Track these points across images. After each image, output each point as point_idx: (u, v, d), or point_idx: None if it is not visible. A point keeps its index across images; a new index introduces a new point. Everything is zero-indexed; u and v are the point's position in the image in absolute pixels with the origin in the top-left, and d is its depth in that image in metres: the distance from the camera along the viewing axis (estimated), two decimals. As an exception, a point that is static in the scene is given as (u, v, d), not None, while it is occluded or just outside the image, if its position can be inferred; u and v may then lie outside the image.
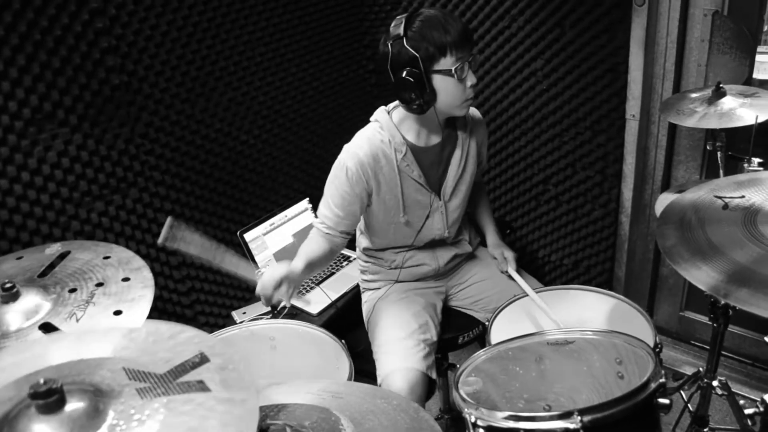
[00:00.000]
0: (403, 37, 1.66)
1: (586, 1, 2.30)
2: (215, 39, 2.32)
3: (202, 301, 2.45)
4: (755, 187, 1.42)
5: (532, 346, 1.46)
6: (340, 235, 1.88)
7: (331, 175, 1.86)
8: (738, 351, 2.64)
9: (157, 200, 2.22)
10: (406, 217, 1.93)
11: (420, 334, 1.90)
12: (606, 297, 1.89)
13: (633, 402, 1.18)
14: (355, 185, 1.81)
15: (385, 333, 1.93)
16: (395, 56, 1.69)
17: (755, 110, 1.93)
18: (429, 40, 1.65)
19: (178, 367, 0.85)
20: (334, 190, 1.84)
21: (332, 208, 1.85)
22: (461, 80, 1.71)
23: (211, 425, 0.76)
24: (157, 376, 0.84)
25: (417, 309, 1.99)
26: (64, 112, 1.93)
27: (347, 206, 1.84)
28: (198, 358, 0.87)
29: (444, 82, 1.70)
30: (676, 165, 2.56)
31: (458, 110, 1.80)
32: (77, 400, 0.78)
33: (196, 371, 0.85)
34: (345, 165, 1.80)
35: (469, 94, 1.76)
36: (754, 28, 2.25)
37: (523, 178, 2.80)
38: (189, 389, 0.81)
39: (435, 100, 1.74)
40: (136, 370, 0.84)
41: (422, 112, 1.77)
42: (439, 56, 1.67)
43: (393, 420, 1.14)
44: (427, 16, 1.68)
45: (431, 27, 1.65)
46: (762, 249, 1.20)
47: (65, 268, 1.44)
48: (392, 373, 1.79)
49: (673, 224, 1.33)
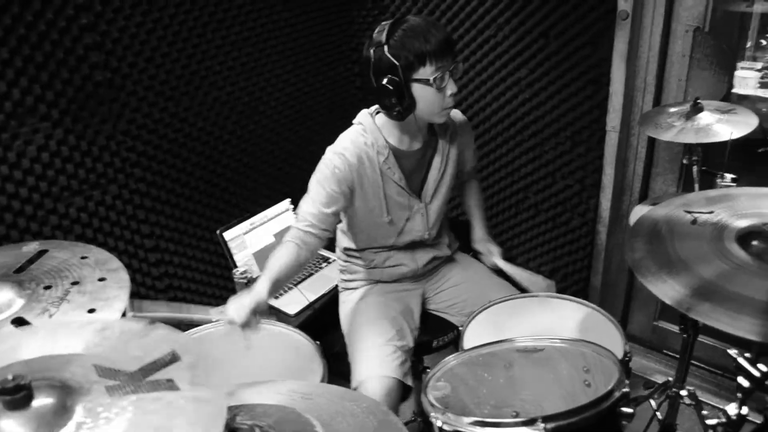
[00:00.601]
0: (385, 44, 1.68)
1: (570, 13, 2.33)
2: (201, 38, 2.33)
3: (180, 298, 2.45)
4: (725, 203, 1.45)
5: (502, 352, 1.48)
6: (320, 234, 1.86)
7: (318, 174, 1.86)
8: (708, 361, 2.68)
9: (137, 197, 2.22)
10: (390, 217, 1.95)
11: (397, 341, 1.91)
12: (579, 306, 1.91)
13: (596, 410, 1.20)
14: (342, 183, 1.83)
15: (362, 338, 1.94)
16: (376, 63, 1.70)
17: (731, 126, 1.96)
18: (409, 49, 1.66)
19: (149, 365, 0.86)
20: (320, 188, 1.84)
21: (318, 206, 1.84)
22: (440, 89, 1.72)
23: (178, 424, 0.77)
24: (127, 374, 0.84)
25: (394, 314, 2.00)
26: (46, 106, 1.93)
27: (333, 204, 1.85)
28: (169, 356, 0.88)
29: (423, 90, 1.72)
30: (654, 177, 2.60)
31: (437, 117, 1.82)
32: (45, 396, 0.78)
33: (166, 370, 0.85)
34: (333, 163, 1.82)
35: (448, 103, 1.77)
36: (734, 45, 2.29)
37: (504, 186, 2.83)
38: (158, 388, 0.82)
39: (414, 107, 1.75)
40: (106, 368, 0.85)
41: (401, 118, 1.79)
42: (418, 65, 1.68)
43: (361, 423, 1.15)
44: (410, 24, 1.69)
45: (412, 36, 1.66)
46: (727, 265, 1.23)
47: (41, 266, 1.44)
48: (368, 379, 1.80)
49: (643, 237, 1.35)
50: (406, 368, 1.88)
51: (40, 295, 1.34)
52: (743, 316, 1.09)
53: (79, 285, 1.36)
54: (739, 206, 1.43)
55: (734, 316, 1.09)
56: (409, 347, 1.95)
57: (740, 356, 1.39)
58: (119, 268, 1.41)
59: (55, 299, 1.32)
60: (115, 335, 0.93)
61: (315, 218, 1.85)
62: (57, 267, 1.42)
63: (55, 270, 1.41)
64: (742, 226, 1.34)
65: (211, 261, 2.55)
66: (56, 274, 1.40)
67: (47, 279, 1.38)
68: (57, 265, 1.43)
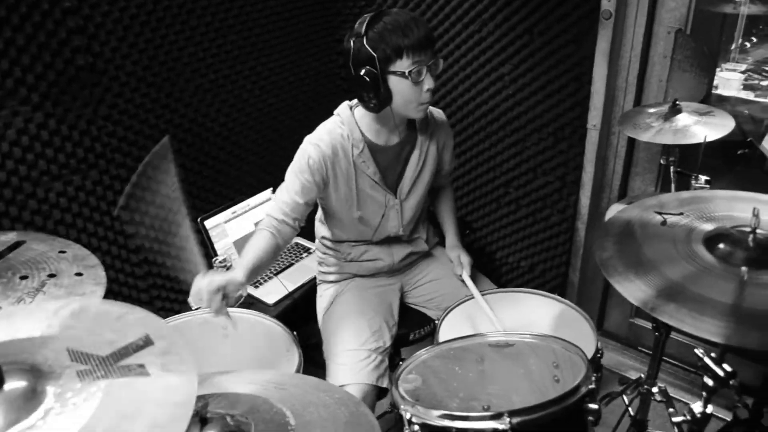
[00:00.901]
0: (364, 36, 1.69)
1: (554, 11, 2.34)
2: (185, 24, 2.32)
3: (158, 285, 2.45)
4: (695, 205, 1.48)
5: (474, 346, 1.50)
6: (292, 224, 1.88)
7: (293, 164, 1.88)
8: (681, 358, 2.72)
9: (117, 183, 2.22)
10: (360, 213, 1.96)
11: (373, 342, 1.93)
12: (555, 302, 1.94)
13: (562, 405, 1.23)
14: (315, 173, 1.84)
15: (337, 342, 1.95)
16: (355, 54, 1.72)
17: (707, 129, 1.99)
18: (387, 42, 1.67)
19: (122, 349, 0.86)
20: (294, 178, 1.86)
21: (292, 195, 1.86)
22: (417, 83, 1.73)
23: (146, 410, 0.77)
24: (99, 358, 0.84)
25: (372, 314, 2.02)
26: (27, 89, 1.92)
27: (307, 193, 1.87)
28: (142, 341, 0.88)
29: (399, 83, 1.72)
30: (633, 176, 2.62)
31: (413, 112, 1.82)
32: (16, 380, 0.79)
33: (138, 354, 0.86)
34: (307, 154, 1.84)
35: (425, 98, 1.77)
36: (715, 47, 2.32)
37: (485, 180, 2.85)
38: (129, 373, 0.82)
39: (390, 100, 1.76)
40: (79, 351, 0.85)
41: (377, 110, 1.79)
42: (395, 58, 1.69)
43: (333, 413, 1.16)
44: (390, 18, 1.70)
45: (392, 29, 1.67)
46: (693, 266, 1.25)
47: (19, 255, 1.45)
48: (344, 387, 1.82)
49: (612, 237, 1.38)
50: (382, 370, 1.91)
51: (15, 284, 1.35)
52: (706, 317, 1.11)
53: (56, 278, 1.36)
54: (709, 209, 1.45)
55: (697, 318, 1.12)
56: (386, 347, 1.97)
57: (706, 356, 1.42)
58: (97, 265, 1.41)
59: (30, 289, 1.33)
60: (89, 318, 0.93)
61: (288, 207, 1.87)
62: (35, 258, 1.43)
63: (32, 261, 1.42)
64: (709, 228, 1.37)
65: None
66: (33, 266, 1.40)
67: (24, 269, 1.39)
68: (35, 256, 1.44)
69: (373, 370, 1.87)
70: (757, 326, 1.10)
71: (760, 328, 1.09)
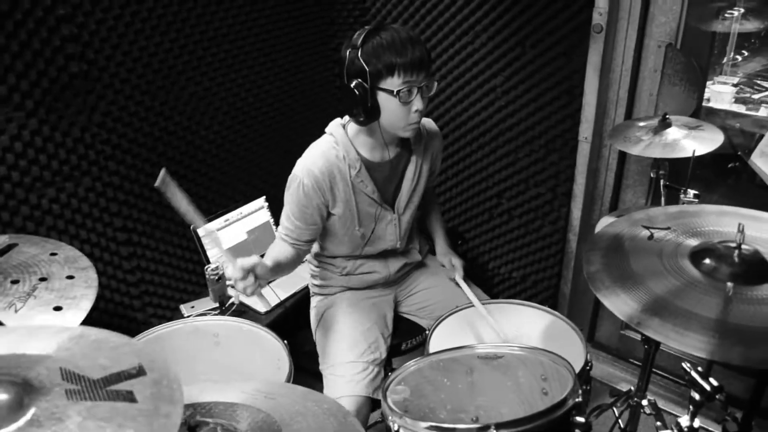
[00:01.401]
0: (359, 48, 1.68)
1: (546, 24, 2.36)
2: (179, 33, 2.33)
3: (150, 292, 2.45)
4: (683, 219, 1.49)
5: (463, 358, 1.51)
6: (305, 244, 1.92)
7: (289, 191, 1.87)
8: (671, 371, 2.73)
9: (110, 190, 2.22)
10: (362, 230, 1.97)
11: (369, 354, 1.94)
12: (545, 314, 1.95)
13: (549, 418, 1.23)
14: (313, 198, 1.84)
15: (334, 354, 1.96)
16: (349, 65, 1.71)
17: (697, 143, 2.01)
18: (379, 57, 1.66)
19: (113, 375, 0.87)
20: (293, 205, 1.86)
21: (294, 221, 1.88)
22: (405, 103, 1.71)
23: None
24: (90, 380, 0.85)
25: (368, 325, 2.02)
26: (21, 96, 1.92)
27: (308, 218, 1.87)
28: (135, 369, 0.88)
29: (388, 101, 1.71)
30: (624, 189, 2.64)
31: (401, 132, 1.80)
32: (3, 392, 0.79)
33: (129, 382, 0.86)
34: (301, 181, 1.82)
35: (413, 119, 1.75)
36: (705, 62, 2.34)
37: (478, 191, 2.86)
38: (116, 398, 0.83)
39: (378, 115, 1.75)
40: (71, 372, 0.86)
41: (364, 124, 1.78)
42: (386, 75, 1.68)
43: (321, 423, 1.16)
44: (387, 33, 1.68)
45: (387, 45, 1.66)
46: (678, 281, 1.27)
47: (10, 259, 1.45)
48: (339, 399, 1.82)
49: (600, 251, 1.39)
50: (378, 382, 1.91)
51: (6, 288, 1.35)
52: (691, 332, 1.12)
53: (47, 281, 1.37)
54: (696, 223, 1.47)
55: (682, 333, 1.13)
56: (382, 358, 1.98)
57: (693, 369, 1.44)
58: (88, 267, 1.42)
59: (22, 294, 1.33)
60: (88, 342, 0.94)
61: (294, 234, 1.89)
62: (26, 262, 1.43)
63: (23, 265, 1.42)
64: (696, 243, 1.38)
65: (183, 256, 2.56)
66: (25, 269, 1.40)
67: (15, 273, 1.39)
68: (26, 260, 1.44)
69: (370, 383, 1.88)
70: (742, 342, 1.11)
71: (744, 344, 1.10)
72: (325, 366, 1.96)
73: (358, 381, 1.86)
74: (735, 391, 2.48)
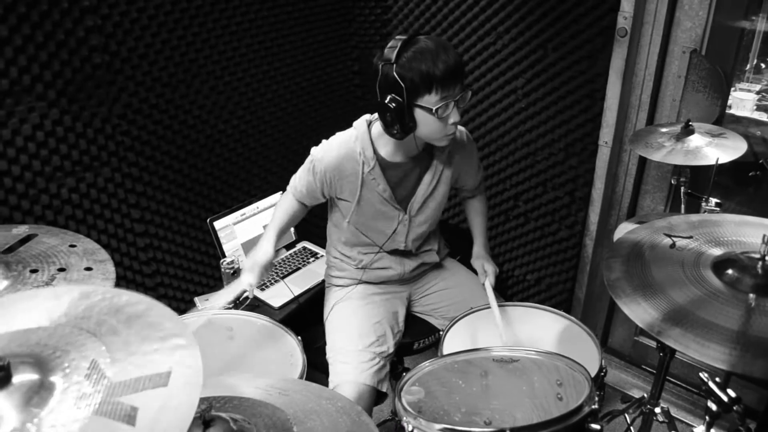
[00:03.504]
0: (394, 63, 1.66)
1: (570, 27, 2.35)
2: (202, 26, 2.33)
3: (166, 284, 2.46)
4: (705, 228, 1.47)
5: (478, 360, 1.50)
6: (305, 203, 2.10)
7: (304, 164, 2.00)
8: (685, 379, 2.71)
9: (129, 181, 2.23)
10: (353, 227, 2.03)
11: (377, 347, 1.94)
12: (561, 318, 1.94)
13: (564, 425, 1.22)
14: (316, 180, 1.94)
15: (342, 341, 1.96)
16: (383, 79, 1.70)
17: (720, 150, 1.99)
18: (416, 73, 1.64)
19: (134, 381, 0.83)
20: (303, 174, 2.00)
21: (299, 187, 2.03)
22: (442, 118, 1.72)
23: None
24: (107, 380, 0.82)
25: (378, 319, 2.02)
26: (43, 86, 1.93)
27: (311, 192, 2.01)
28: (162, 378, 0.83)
29: (425, 117, 1.71)
30: (643, 194, 2.62)
31: (438, 142, 1.82)
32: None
33: (144, 393, 0.80)
34: (313, 160, 1.94)
35: (450, 131, 1.76)
36: (729, 69, 2.31)
37: (495, 192, 2.85)
38: (114, 412, 0.77)
39: (414, 130, 1.75)
40: (97, 363, 0.84)
41: (400, 138, 1.78)
42: (423, 91, 1.67)
43: (334, 421, 1.17)
44: (421, 46, 1.66)
45: (422, 59, 1.64)
46: (700, 291, 1.25)
47: (30, 249, 1.45)
48: (343, 383, 1.83)
49: (621, 258, 1.37)
50: (383, 375, 1.91)
51: (26, 277, 1.35)
52: (712, 343, 1.11)
53: (66, 272, 1.37)
54: (718, 233, 1.45)
55: (703, 344, 1.11)
56: (389, 353, 1.98)
57: (710, 380, 1.42)
58: (107, 261, 1.42)
59: (40, 283, 1.34)
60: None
61: (298, 195, 2.05)
62: (45, 252, 1.44)
63: (43, 255, 1.43)
64: (718, 253, 1.37)
65: (199, 249, 2.56)
66: (44, 259, 1.41)
67: (34, 263, 1.40)
68: (45, 250, 1.45)
69: (375, 373, 1.88)
70: (763, 354, 1.09)
71: (766, 357, 1.09)
72: (332, 352, 1.97)
73: (363, 370, 1.87)
74: (749, 401, 2.46)
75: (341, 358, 1.90)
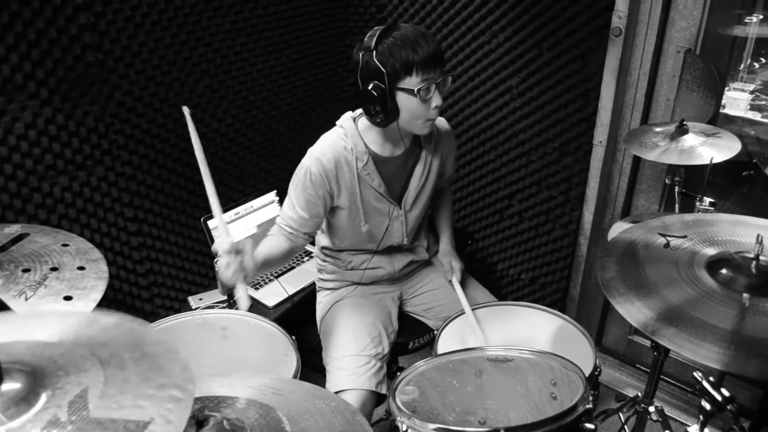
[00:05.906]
0: (373, 50, 1.68)
1: (564, 26, 2.35)
2: (196, 25, 2.32)
3: (159, 284, 2.45)
4: (699, 228, 1.47)
5: (472, 360, 1.50)
6: (303, 237, 1.91)
7: (295, 179, 1.88)
8: (679, 378, 2.72)
9: (122, 180, 2.22)
10: (367, 226, 1.96)
11: (372, 349, 1.93)
12: (554, 317, 1.94)
13: (558, 424, 1.22)
14: (318, 188, 1.84)
15: (337, 347, 1.95)
16: (364, 67, 1.71)
17: (714, 150, 1.99)
18: (396, 58, 1.67)
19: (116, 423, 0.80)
20: (299, 193, 1.86)
21: (297, 210, 1.87)
22: (425, 101, 1.72)
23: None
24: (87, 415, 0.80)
25: (371, 320, 2.02)
26: (36, 84, 1.92)
27: (312, 209, 1.87)
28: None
29: (407, 100, 1.72)
30: (637, 193, 2.62)
31: (419, 129, 1.82)
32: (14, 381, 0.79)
33: None
34: (308, 169, 1.83)
35: (432, 115, 1.77)
36: (723, 69, 2.32)
37: (489, 192, 2.85)
38: None
39: (397, 116, 1.75)
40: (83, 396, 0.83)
41: (384, 126, 1.79)
42: (404, 74, 1.68)
43: (329, 421, 1.16)
44: (400, 33, 1.69)
45: (401, 45, 1.66)
46: (694, 291, 1.25)
47: (22, 248, 1.45)
48: (343, 392, 1.82)
49: (615, 257, 1.37)
50: (381, 376, 1.91)
51: (18, 277, 1.35)
52: (705, 343, 1.11)
53: (58, 271, 1.36)
54: (712, 232, 1.45)
55: (697, 343, 1.12)
56: (385, 353, 1.97)
57: (704, 379, 1.42)
58: (99, 260, 1.41)
59: (32, 283, 1.33)
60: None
61: (296, 223, 1.88)
62: (37, 251, 1.43)
63: (35, 254, 1.42)
64: (712, 253, 1.37)
65: (192, 248, 2.56)
66: (36, 259, 1.40)
67: (26, 262, 1.39)
68: (37, 249, 1.44)
69: (372, 376, 1.87)
70: (757, 354, 1.10)
71: (759, 356, 1.09)
72: (329, 359, 1.96)
73: (360, 375, 1.86)
74: (742, 401, 2.47)
75: (338, 365, 1.90)
